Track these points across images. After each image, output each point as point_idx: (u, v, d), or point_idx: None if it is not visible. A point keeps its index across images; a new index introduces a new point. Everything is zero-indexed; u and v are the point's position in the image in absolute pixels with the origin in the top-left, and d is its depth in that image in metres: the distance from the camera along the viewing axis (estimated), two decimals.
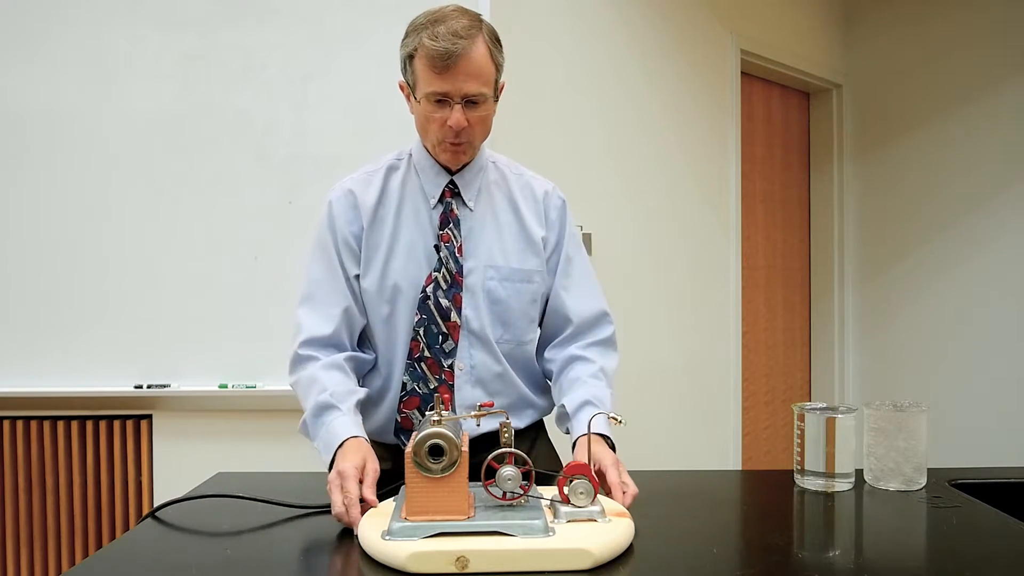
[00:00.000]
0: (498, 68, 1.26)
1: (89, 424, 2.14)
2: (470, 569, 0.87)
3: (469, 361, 1.31)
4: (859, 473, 1.25)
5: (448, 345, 1.30)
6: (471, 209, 1.33)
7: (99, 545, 2.15)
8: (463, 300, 1.30)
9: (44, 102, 2.11)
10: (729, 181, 3.09)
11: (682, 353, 2.90)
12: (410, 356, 1.31)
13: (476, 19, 1.24)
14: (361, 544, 0.95)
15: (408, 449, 0.95)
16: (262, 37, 2.13)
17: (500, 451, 0.99)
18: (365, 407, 1.35)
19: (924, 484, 1.21)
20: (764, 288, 3.46)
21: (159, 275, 2.12)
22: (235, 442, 2.14)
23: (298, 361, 1.28)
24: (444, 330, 1.30)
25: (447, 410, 1.01)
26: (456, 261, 1.30)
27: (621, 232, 2.65)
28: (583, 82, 2.54)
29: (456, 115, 1.22)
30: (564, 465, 1.06)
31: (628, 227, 2.69)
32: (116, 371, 2.11)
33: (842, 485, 1.20)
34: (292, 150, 2.13)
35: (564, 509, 0.97)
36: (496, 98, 1.30)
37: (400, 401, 1.32)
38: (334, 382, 1.24)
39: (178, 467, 2.13)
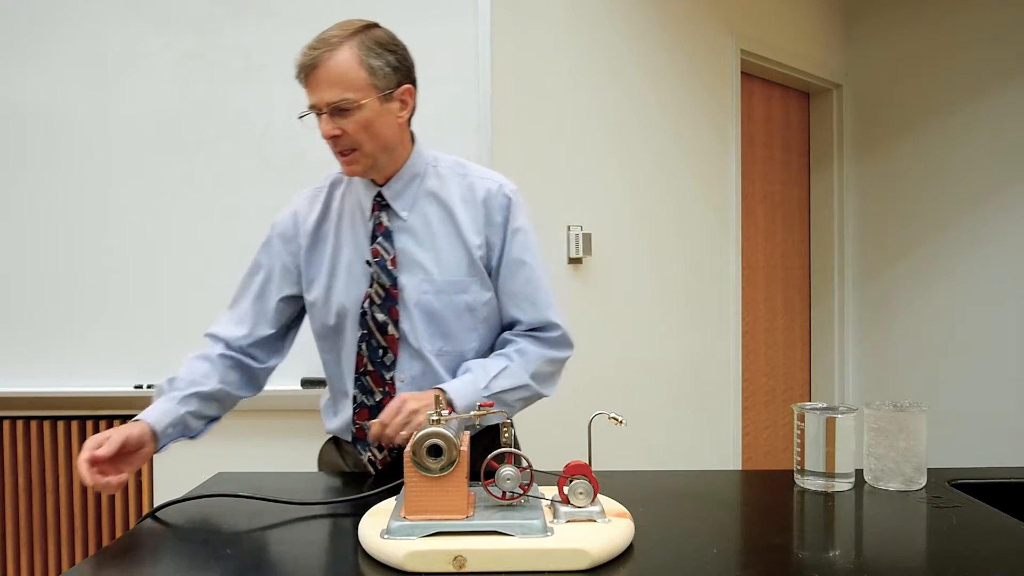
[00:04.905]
0: (375, 72, 1.23)
1: (89, 424, 2.14)
2: (467, 568, 0.87)
3: (409, 372, 1.31)
4: (859, 473, 1.25)
5: (388, 358, 1.31)
6: (404, 220, 1.32)
7: (99, 545, 2.15)
8: (399, 313, 1.31)
9: (44, 102, 2.11)
10: (729, 181, 3.08)
11: (682, 353, 2.90)
12: (356, 370, 1.33)
13: (351, 29, 1.24)
14: (361, 543, 0.95)
15: (407, 448, 0.95)
16: (262, 37, 2.13)
17: (500, 451, 0.99)
18: (334, 409, 1.40)
19: (924, 484, 1.21)
20: (764, 288, 3.46)
21: (159, 275, 2.12)
22: (235, 442, 2.14)
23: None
24: (383, 344, 1.31)
25: (448, 411, 1.01)
26: (389, 275, 1.30)
27: (621, 232, 2.65)
28: (583, 82, 2.54)
29: (324, 125, 1.23)
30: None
31: (628, 227, 2.69)
32: (116, 371, 2.11)
33: (842, 485, 1.20)
34: (292, 150, 2.13)
35: (564, 509, 0.97)
36: (392, 101, 1.27)
37: (354, 412, 1.34)
38: (189, 371, 1.32)
39: (178, 467, 2.13)
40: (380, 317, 1.30)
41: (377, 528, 0.94)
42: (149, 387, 2.11)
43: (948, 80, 3.32)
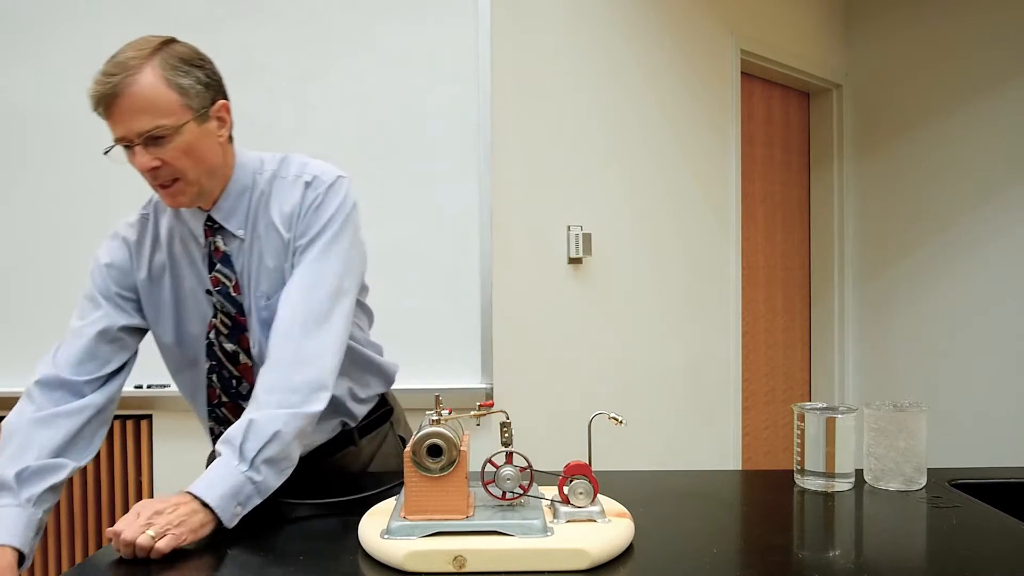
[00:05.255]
0: (186, 92, 1.12)
1: None
2: (467, 568, 0.87)
3: None
4: (859, 473, 1.25)
5: (244, 387, 1.25)
6: (242, 239, 1.23)
7: (99, 545, 2.15)
8: (250, 340, 1.23)
9: (44, 102, 2.11)
10: (729, 181, 3.09)
11: (682, 353, 2.90)
12: (209, 403, 1.28)
13: (149, 47, 1.11)
14: (361, 543, 0.95)
15: (407, 448, 0.95)
16: (262, 37, 2.13)
17: (500, 451, 0.99)
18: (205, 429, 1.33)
19: (924, 484, 1.21)
20: (764, 288, 3.46)
21: None
22: None
23: (24, 396, 1.20)
24: (236, 374, 1.25)
25: (448, 412, 1.01)
26: (233, 302, 1.22)
27: (621, 232, 2.65)
28: (583, 82, 2.54)
29: (138, 158, 1.12)
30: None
31: (628, 227, 2.69)
32: None
33: (842, 485, 1.20)
34: (292, 150, 2.13)
35: (564, 509, 0.97)
36: (209, 120, 1.16)
37: (213, 443, 1.28)
38: (36, 453, 1.11)
39: (178, 467, 2.13)
40: (229, 347, 1.23)
41: (377, 528, 0.94)
42: (149, 387, 2.11)
43: (948, 80, 3.32)
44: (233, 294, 1.22)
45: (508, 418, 1.04)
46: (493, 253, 2.20)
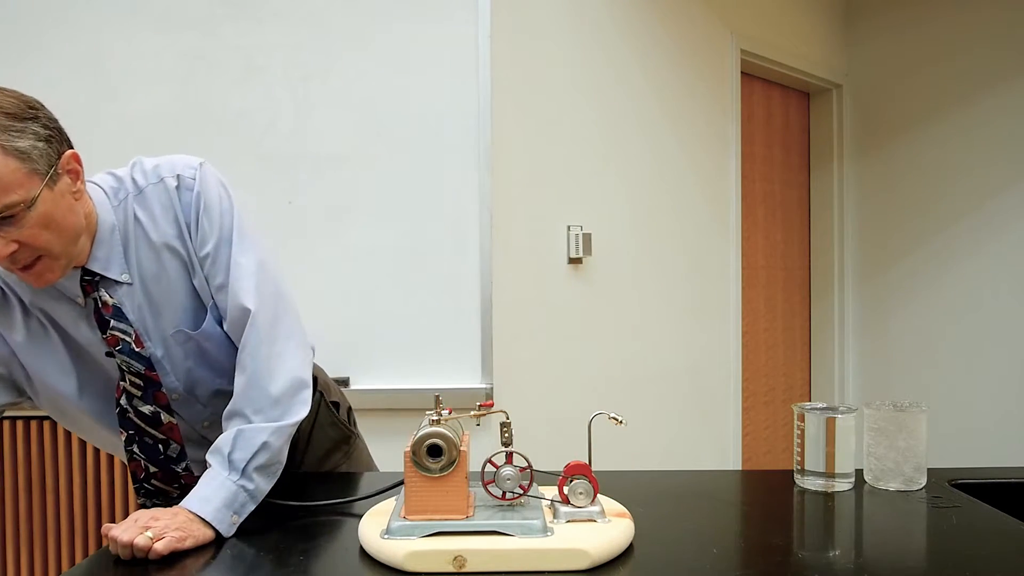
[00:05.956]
0: (28, 156, 0.94)
1: None
2: (467, 568, 0.87)
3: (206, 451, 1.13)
4: (859, 473, 1.25)
5: (172, 449, 1.14)
6: (129, 283, 1.08)
7: (99, 545, 2.15)
8: (168, 395, 1.11)
9: (44, 102, 2.11)
10: (729, 181, 3.08)
11: (682, 353, 2.90)
12: (136, 479, 1.14)
13: None
14: (361, 543, 0.95)
15: (407, 448, 0.95)
16: (262, 37, 2.13)
17: (500, 451, 0.99)
18: None
19: (924, 484, 1.21)
20: (764, 288, 3.46)
21: None
22: None
23: None
24: (160, 437, 1.12)
25: (448, 412, 1.01)
26: (140, 358, 1.08)
27: (621, 232, 2.65)
28: (583, 82, 2.54)
29: None
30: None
31: (628, 227, 2.69)
32: None
33: (842, 485, 1.20)
34: (292, 150, 2.13)
35: (564, 509, 0.97)
36: (60, 179, 0.98)
37: None
38: None
39: None
40: (147, 409, 1.10)
41: (377, 528, 0.94)
42: None
43: (948, 80, 3.32)
44: (137, 349, 1.07)
45: (508, 418, 1.04)
46: (493, 253, 2.20)
